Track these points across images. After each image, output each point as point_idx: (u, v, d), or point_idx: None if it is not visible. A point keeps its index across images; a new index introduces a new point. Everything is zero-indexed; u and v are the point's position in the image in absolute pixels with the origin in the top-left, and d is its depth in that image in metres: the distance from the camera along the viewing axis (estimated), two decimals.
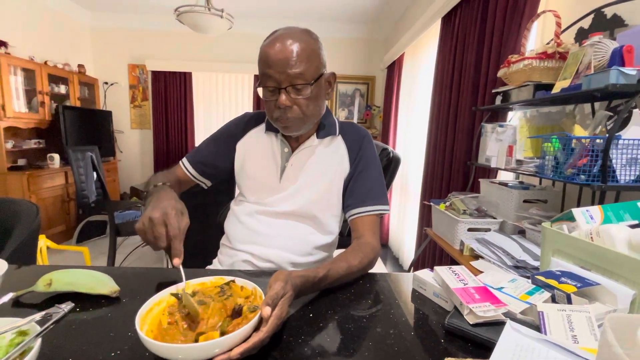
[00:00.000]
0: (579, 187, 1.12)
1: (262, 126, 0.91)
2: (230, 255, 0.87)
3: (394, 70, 3.41)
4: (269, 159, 0.88)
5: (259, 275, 0.73)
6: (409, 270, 2.15)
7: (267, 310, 0.45)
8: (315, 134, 0.86)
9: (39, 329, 0.40)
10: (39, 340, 0.39)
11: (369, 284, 0.69)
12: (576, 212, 0.63)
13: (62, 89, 3.37)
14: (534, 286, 0.59)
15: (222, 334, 0.43)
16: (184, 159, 0.94)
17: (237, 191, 0.96)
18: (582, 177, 0.87)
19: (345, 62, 4.07)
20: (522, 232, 1.19)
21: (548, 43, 1.13)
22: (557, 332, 0.45)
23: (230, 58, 4.00)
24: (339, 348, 0.47)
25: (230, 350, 0.41)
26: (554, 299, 0.55)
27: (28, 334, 0.41)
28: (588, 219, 0.62)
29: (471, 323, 0.49)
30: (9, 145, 2.83)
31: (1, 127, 2.70)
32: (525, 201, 1.20)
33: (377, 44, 4.06)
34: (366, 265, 0.71)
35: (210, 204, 1.35)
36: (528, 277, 0.66)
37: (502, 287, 0.59)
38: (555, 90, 0.99)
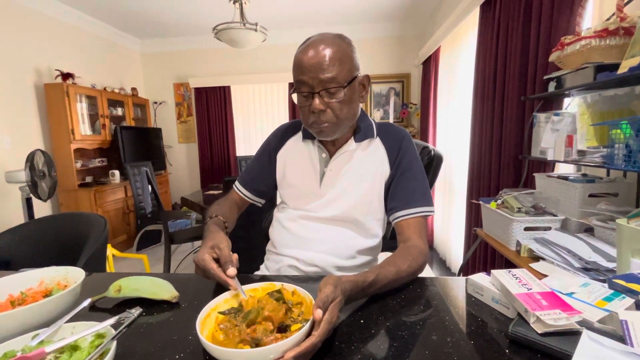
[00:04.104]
0: None
1: (299, 135, 0.92)
2: (277, 261, 0.89)
3: (430, 65, 3.29)
4: (308, 166, 0.88)
5: (306, 281, 0.74)
6: (459, 274, 2.04)
7: (318, 312, 0.45)
8: (352, 137, 0.86)
9: (114, 332, 0.44)
10: (114, 343, 0.43)
11: (419, 289, 0.67)
12: None
13: (119, 111, 3.72)
14: (612, 291, 0.52)
15: (257, 345, 0.43)
16: (237, 183, 0.98)
17: (279, 199, 0.99)
18: None
19: (378, 61, 4.01)
20: (589, 230, 1.08)
21: (609, 19, 1.01)
22: None
23: (264, 69, 4.15)
24: (393, 356, 0.46)
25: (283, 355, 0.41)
26: (638, 306, 0.49)
27: (105, 337, 0.45)
28: None
29: (539, 332, 0.45)
30: (78, 165, 3.18)
31: (72, 149, 3.05)
32: (591, 195, 1.08)
33: (410, 40, 3.95)
34: (415, 269, 0.69)
35: (253, 211, 1.39)
36: (603, 281, 0.59)
37: (572, 293, 0.53)
38: (622, 70, 0.88)
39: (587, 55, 1.04)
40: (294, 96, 0.78)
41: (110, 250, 2.41)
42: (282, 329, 0.46)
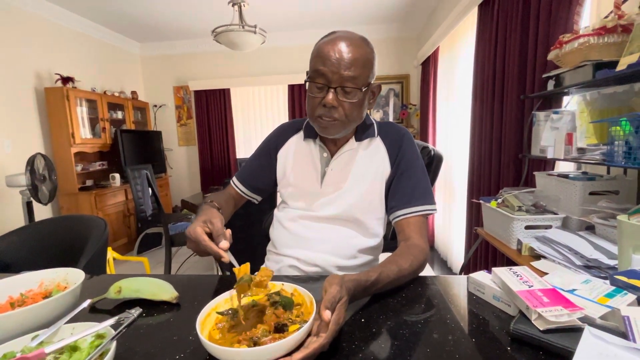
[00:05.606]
0: None
1: (300, 134, 0.92)
2: (277, 261, 0.89)
3: (429, 65, 3.30)
4: (309, 165, 0.88)
5: (306, 281, 0.73)
6: (460, 273, 2.04)
7: (327, 314, 0.44)
8: (353, 137, 0.86)
9: (113, 332, 0.44)
10: (114, 343, 0.42)
11: (420, 287, 0.67)
12: None
13: (119, 115, 3.72)
14: (614, 287, 0.52)
15: (255, 344, 0.43)
16: (234, 178, 0.98)
17: (279, 199, 0.98)
18: None
19: (377, 63, 4.01)
20: (590, 228, 1.07)
21: (607, 16, 1.02)
22: None
23: (264, 71, 4.16)
24: (395, 355, 0.46)
25: (289, 354, 0.41)
26: None
27: (105, 337, 0.45)
28: None
29: (541, 329, 0.45)
30: (79, 168, 3.18)
31: (72, 153, 3.05)
32: (591, 193, 1.07)
33: (408, 41, 3.96)
34: (417, 268, 0.69)
35: (253, 212, 1.39)
36: (604, 278, 0.59)
37: (574, 289, 0.53)
38: (621, 67, 0.88)
39: (585, 53, 1.04)
40: (307, 84, 0.77)
41: (111, 254, 2.41)
42: (280, 329, 0.46)
